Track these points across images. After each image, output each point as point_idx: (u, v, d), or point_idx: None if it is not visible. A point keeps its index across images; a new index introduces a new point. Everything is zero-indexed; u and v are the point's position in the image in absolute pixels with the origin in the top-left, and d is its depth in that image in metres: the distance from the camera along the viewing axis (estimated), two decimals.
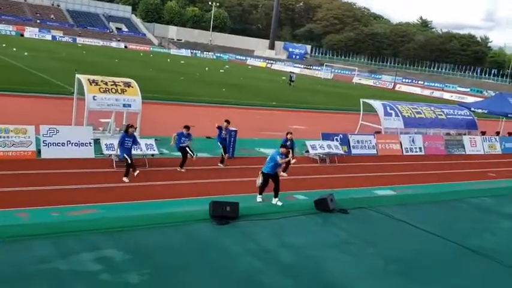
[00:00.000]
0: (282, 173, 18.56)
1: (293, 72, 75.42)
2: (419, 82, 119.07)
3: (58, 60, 58.84)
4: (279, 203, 15.12)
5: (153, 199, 14.26)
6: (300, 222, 13.97)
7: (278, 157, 14.96)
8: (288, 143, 18.08)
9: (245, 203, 14.27)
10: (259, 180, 15.18)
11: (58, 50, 76.74)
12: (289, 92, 57.11)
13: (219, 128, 19.21)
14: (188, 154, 17.60)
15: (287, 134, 19.17)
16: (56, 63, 53.19)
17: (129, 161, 15.72)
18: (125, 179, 15.60)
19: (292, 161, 17.16)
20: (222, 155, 19.24)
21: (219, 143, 19.29)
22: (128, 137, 15.91)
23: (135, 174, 15.60)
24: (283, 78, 73.07)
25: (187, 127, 17.75)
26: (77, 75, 20.76)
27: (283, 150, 15.25)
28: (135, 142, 16.25)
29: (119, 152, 16.07)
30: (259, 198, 15.26)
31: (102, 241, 10.98)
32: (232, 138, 20.31)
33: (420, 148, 27.61)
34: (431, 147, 28.19)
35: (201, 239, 11.88)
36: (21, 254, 9.94)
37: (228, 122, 19.59)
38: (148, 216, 12.81)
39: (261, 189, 15.30)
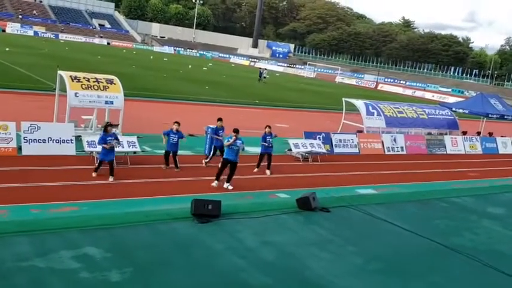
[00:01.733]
0: (266, 171, 18.74)
1: (265, 69, 75.51)
2: (401, 82, 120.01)
3: (40, 56, 58.31)
4: (230, 187, 16.05)
5: (134, 197, 14.18)
6: (282, 220, 13.98)
7: (225, 140, 16.04)
8: (268, 137, 18.87)
9: (227, 201, 14.27)
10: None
11: (40, 46, 76.00)
12: (272, 90, 57.13)
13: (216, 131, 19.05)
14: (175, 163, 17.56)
15: (265, 127, 19.38)
16: (38, 59, 52.69)
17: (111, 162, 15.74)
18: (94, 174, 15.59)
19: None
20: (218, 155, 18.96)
21: (218, 150, 18.81)
22: (109, 136, 15.71)
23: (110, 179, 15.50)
24: (267, 77, 73.06)
25: (177, 123, 17.57)
26: (59, 72, 20.57)
27: (233, 134, 15.94)
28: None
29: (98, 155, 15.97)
30: (213, 183, 16.04)
31: (82, 239, 10.89)
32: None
33: (402, 147, 27.79)
34: (413, 146, 28.40)
35: (182, 237, 11.84)
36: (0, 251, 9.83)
37: (220, 120, 19.24)
38: (130, 214, 12.74)
39: (218, 175, 16.10)
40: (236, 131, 15.98)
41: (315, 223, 14.13)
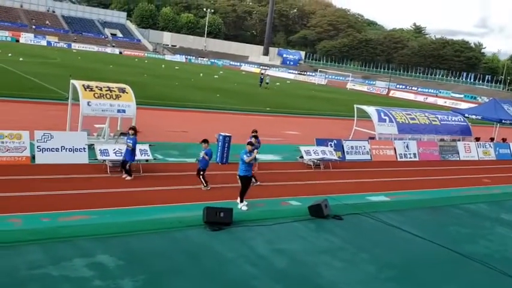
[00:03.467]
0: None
1: (267, 74, 75.38)
2: (413, 88, 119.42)
3: (53, 65, 58.76)
4: (244, 208, 14.86)
5: (146, 205, 14.21)
6: (294, 228, 13.95)
7: (245, 156, 14.95)
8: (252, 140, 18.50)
9: (239, 209, 14.27)
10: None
11: (53, 56, 76.58)
12: (283, 97, 57.15)
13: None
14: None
15: (252, 132, 19.35)
16: (51, 69, 53.09)
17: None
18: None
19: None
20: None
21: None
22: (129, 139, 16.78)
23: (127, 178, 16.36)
24: (278, 84, 73.09)
25: (205, 141, 16.58)
26: (72, 81, 20.71)
27: (248, 147, 15.21)
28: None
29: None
30: (244, 207, 14.91)
31: (95, 247, 10.94)
32: (226, 144, 20.30)
33: (414, 154, 27.65)
34: (426, 153, 28.25)
35: (194, 245, 11.84)
36: (13, 259, 9.89)
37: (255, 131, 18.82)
38: (141, 222, 12.78)
39: (242, 195, 15.13)
40: (250, 143, 15.68)
41: (327, 231, 14.08)
